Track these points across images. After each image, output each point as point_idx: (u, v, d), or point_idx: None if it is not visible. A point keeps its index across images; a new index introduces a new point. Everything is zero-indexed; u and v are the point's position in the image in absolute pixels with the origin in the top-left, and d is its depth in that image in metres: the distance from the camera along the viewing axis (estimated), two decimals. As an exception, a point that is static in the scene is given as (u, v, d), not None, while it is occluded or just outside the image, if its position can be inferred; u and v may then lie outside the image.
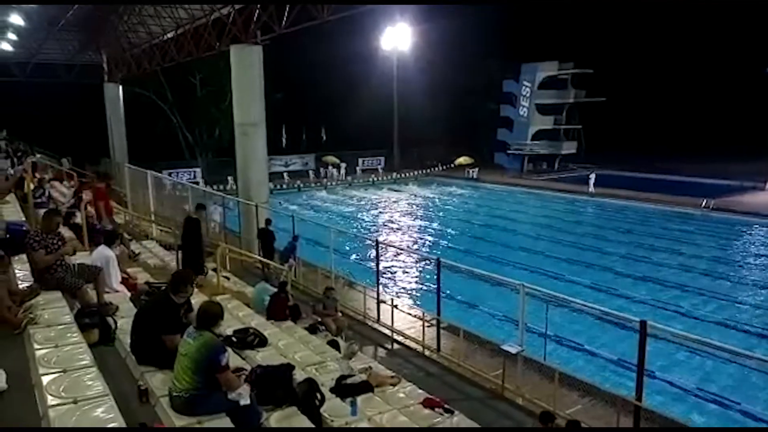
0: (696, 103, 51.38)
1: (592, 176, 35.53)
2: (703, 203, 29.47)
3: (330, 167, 45.69)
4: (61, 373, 4.61)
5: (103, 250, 8.09)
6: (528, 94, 46.80)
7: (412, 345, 11.71)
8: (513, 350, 9.27)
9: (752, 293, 17.80)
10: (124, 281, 8.43)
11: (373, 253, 14.44)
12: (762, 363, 10.30)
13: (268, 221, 16.42)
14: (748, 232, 26.30)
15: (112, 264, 7.96)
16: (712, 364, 12.35)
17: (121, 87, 33.70)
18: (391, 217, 32.15)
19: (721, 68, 48.98)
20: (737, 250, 23.51)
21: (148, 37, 26.96)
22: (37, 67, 33.23)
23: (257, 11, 18.26)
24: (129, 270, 9.44)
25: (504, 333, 12.64)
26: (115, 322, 6.29)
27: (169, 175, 30.69)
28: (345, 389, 6.91)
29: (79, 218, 11.01)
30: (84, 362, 4.87)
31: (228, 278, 13.10)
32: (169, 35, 25.64)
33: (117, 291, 7.88)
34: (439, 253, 19.74)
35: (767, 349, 13.16)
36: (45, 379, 4.51)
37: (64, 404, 4.18)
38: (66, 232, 9.44)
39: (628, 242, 24.09)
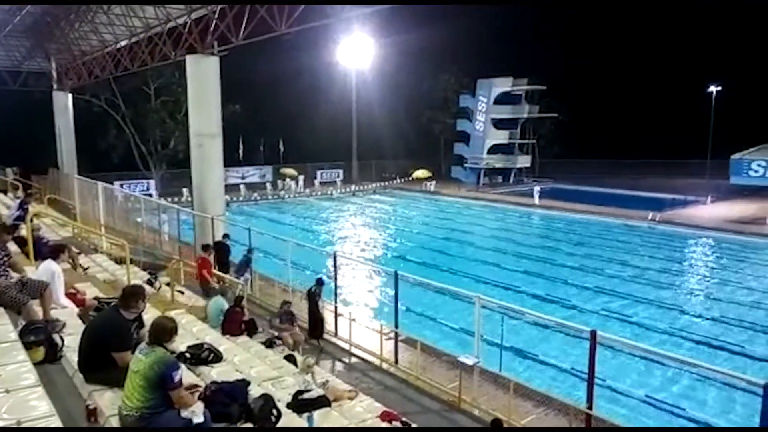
0: (643, 120, 53.65)
1: (536, 189, 38.90)
2: (650, 216, 30.64)
3: (288, 179, 45.41)
4: (4, 394, 4.43)
5: (49, 264, 7.80)
6: (484, 109, 47.85)
7: (370, 358, 11.72)
8: (469, 362, 9.40)
9: (695, 302, 18.59)
10: (72, 296, 8.14)
11: (331, 266, 14.39)
12: (705, 370, 10.81)
13: (225, 236, 16.22)
14: (691, 243, 27.49)
15: (58, 279, 7.68)
16: (658, 371, 12.80)
17: (70, 95, 32.68)
18: (348, 229, 32.17)
19: (667, 86, 51.31)
20: (681, 260, 24.53)
21: (100, 45, 26.26)
22: (-20, 73, 31.97)
23: (214, 22, 18.09)
24: (77, 285, 9.12)
25: (460, 345, 12.78)
26: (62, 340, 6.07)
27: (121, 186, 29.87)
28: (302, 404, 6.86)
29: (24, 231, 10.60)
30: (28, 381, 4.69)
31: (182, 292, 12.85)
32: (123, 43, 25.06)
33: (64, 307, 7.60)
34: (394, 264, 19.89)
35: (709, 357, 13.73)
36: (-15, 401, 4.32)
37: (7, 426, 4.01)
38: (11, 245, 9.06)
39: (578, 254, 24.80)
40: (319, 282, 12.67)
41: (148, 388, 4.44)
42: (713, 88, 43.50)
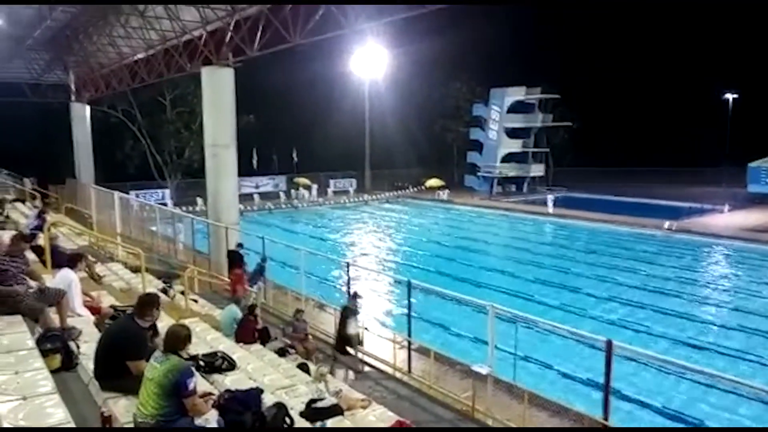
0: (659, 128, 53.27)
1: (550, 197, 38.48)
2: (666, 225, 30.31)
3: (301, 189, 45.65)
4: (21, 401, 4.47)
5: (66, 273, 7.90)
6: (497, 118, 47.78)
7: (383, 367, 11.67)
8: (483, 371, 9.33)
9: (715, 312, 18.32)
10: (88, 305, 8.22)
11: (344, 274, 14.41)
12: (724, 381, 10.62)
13: (239, 245, 16.30)
14: (708, 252, 27.14)
15: (75, 287, 7.77)
16: (676, 382, 12.61)
17: (88, 107, 33.20)
18: (361, 238, 32.21)
19: (683, 94, 50.93)
20: (698, 269, 24.20)
21: (117, 58, 26.67)
22: (1, 85, 32.55)
23: (229, 33, 18.30)
24: (93, 293, 9.21)
25: (474, 354, 12.69)
26: (78, 347, 6.13)
27: (137, 196, 30.23)
28: (315, 413, 6.85)
29: (41, 240, 10.74)
30: (45, 389, 4.73)
31: (196, 301, 12.91)
32: (140, 56, 25.44)
33: (80, 315, 7.68)
34: (407, 273, 19.86)
35: (727, 366, 13.50)
36: (3, 408, 4.36)
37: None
38: (29, 254, 9.19)
39: (592, 263, 24.58)
40: (354, 296, 11.83)
41: (163, 395, 4.47)
42: (729, 96, 43.07)
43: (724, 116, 42.55)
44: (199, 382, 6.10)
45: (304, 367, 9.27)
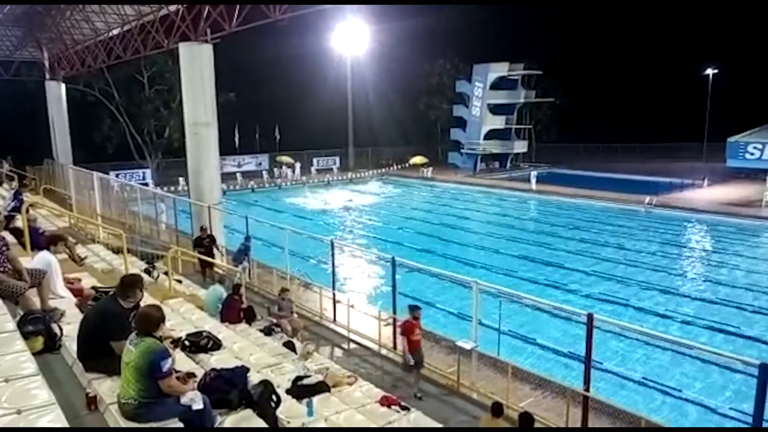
0: (641, 104, 53.59)
1: (533, 174, 38.99)
2: (646, 200, 30.72)
3: (284, 167, 45.34)
4: (3, 383, 4.42)
5: (45, 254, 7.78)
6: (480, 95, 47.65)
7: (369, 344, 11.77)
8: (467, 346, 9.46)
9: (692, 285, 18.70)
10: (70, 286, 8.12)
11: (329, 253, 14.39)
12: (702, 352, 10.90)
13: (202, 228, 16.19)
14: (687, 226, 27.61)
15: (54, 268, 7.66)
16: (655, 353, 12.90)
17: (63, 85, 32.42)
18: (345, 216, 32.19)
19: (664, 70, 51.22)
20: (676, 243, 24.62)
21: (92, 34, 25.99)
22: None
23: (207, 9, 17.89)
24: (75, 275, 9.10)
25: (459, 330, 12.83)
26: (61, 329, 6.06)
27: (117, 176, 29.79)
28: (301, 390, 6.89)
29: (20, 222, 10.55)
30: (28, 371, 4.68)
31: (180, 281, 12.84)
32: (115, 32, 24.81)
33: (62, 297, 7.59)
34: (392, 251, 19.92)
35: (706, 338, 13.84)
36: (-15, 390, 4.31)
37: (7, 415, 4.01)
38: (6, 236, 9.03)
39: (574, 238, 24.88)
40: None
41: (141, 378, 4.42)
42: (710, 71, 43.40)
43: (705, 92, 42.91)
44: (184, 362, 6.11)
45: (290, 345, 9.31)
